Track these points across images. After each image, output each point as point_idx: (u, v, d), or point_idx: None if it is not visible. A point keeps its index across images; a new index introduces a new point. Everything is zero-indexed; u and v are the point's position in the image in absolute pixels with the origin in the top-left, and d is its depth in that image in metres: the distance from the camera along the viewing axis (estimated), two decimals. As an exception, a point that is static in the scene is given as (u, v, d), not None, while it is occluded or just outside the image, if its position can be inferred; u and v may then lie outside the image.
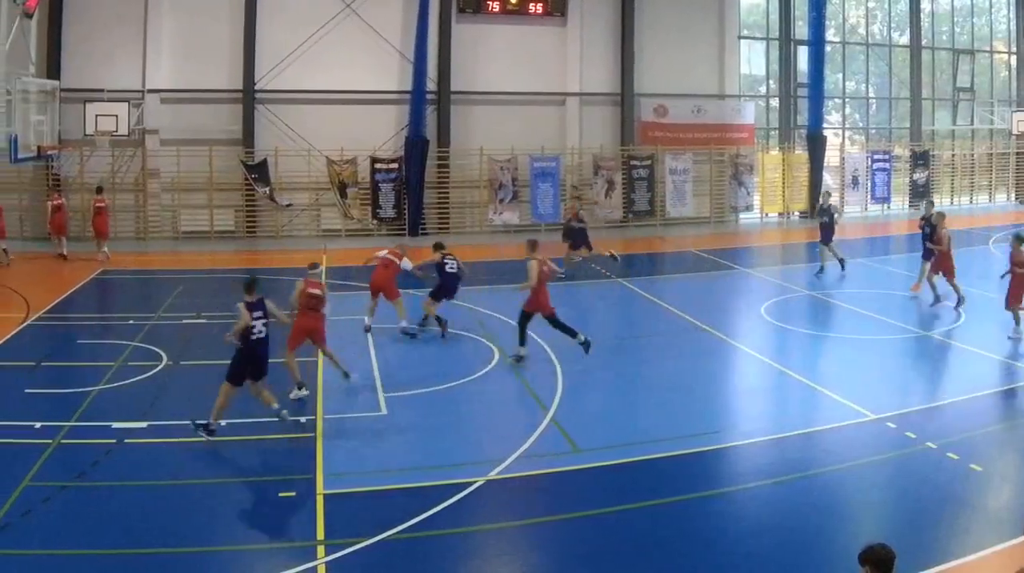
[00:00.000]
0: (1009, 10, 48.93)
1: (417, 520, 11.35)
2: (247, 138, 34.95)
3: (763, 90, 44.78)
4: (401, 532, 11.05)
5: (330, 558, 10.49)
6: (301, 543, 10.92)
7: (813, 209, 41.68)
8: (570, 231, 28.41)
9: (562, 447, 14.09)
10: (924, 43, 46.64)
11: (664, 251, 33.56)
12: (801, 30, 42.91)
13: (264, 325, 14.43)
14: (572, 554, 10.79)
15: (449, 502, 11.90)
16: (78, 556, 10.54)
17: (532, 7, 37.76)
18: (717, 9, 40.79)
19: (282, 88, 35.28)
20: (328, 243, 26.50)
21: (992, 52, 49.22)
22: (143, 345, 17.31)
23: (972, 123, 48.21)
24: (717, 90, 41.19)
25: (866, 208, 43.82)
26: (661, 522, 11.61)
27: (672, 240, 35.81)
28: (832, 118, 46.17)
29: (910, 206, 45.13)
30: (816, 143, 41.37)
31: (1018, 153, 48.03)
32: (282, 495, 12.11)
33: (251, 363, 14.42)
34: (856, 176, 43.62)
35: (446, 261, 20.54)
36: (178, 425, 14.70)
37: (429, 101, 36.39)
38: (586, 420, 15.27)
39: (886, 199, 44.49)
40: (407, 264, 21.06)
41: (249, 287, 14.55)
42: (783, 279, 26.31)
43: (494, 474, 12.87)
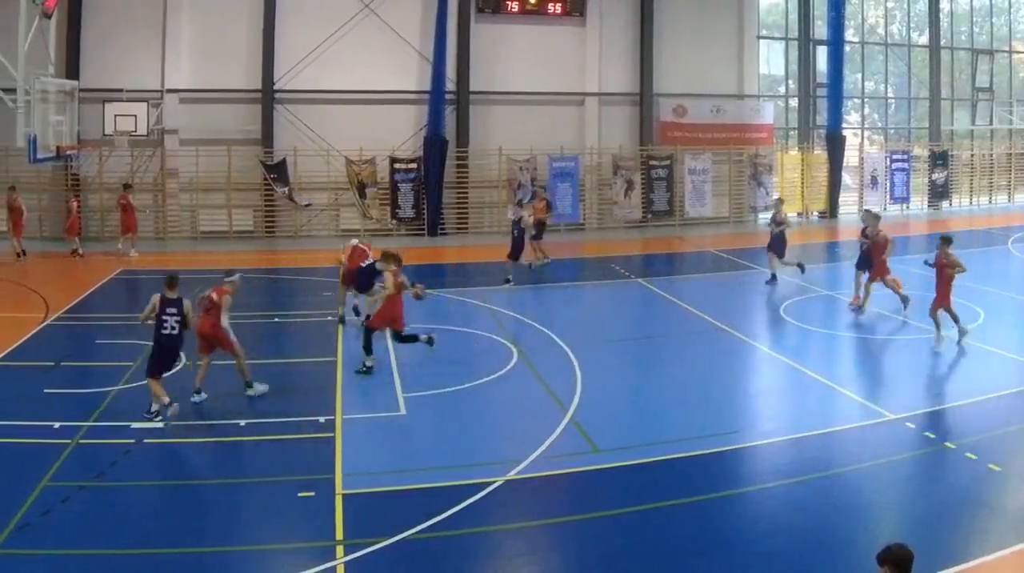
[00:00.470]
0: (1029, 10, 48.77)
1: (436, 520, 11.32)
2: (266, 138, 35.04)
3: (782, 90, 44.69)
4: (420, 532, 11.03)
5: (349, 558, 10.48)
6: (320, 543, 10.89)
7: (832, 210, 41.90)
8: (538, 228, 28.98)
9: (581, 447, 14.05)
10: (943, 43, 46.50)
11: (683, 251, 33.51)
12: (820, 30, 42.86)
13: (177, 322, 15.07)
14: (591, 554, 10.74)
15: (468, 502, 11.86)
16: (97, 556, 10.54)
17: (551, 7, 37.71)
18: (736, 9, 40.71)
19: (301, 88, 35.34)
20: (342, 242, 26.46)
21: (1011, 52, 49.02)
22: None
23: (991, 123, 47.96)
24: (736, 90, 41.10)
25: (885, 208, 43.47)
26: (680, 522, 11.56)
27: (691, 240, 35.74)
28: (851, 118, 46.01)
29: (929, 206, 45.05)
30: (835, 143, 41.33)
31: (1037, 153, 47.82)
32: (301, 495, 12.08)
33: (164, 356, 15.18)
34: (875, 176, 43.50)
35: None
36: (196, 425, 14.77)
37: (448, 101, 36.43)
38: (605, 420, 15.22)
39: (905, 199, 44.37)
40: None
41: (170, 284, 15.24)
42: (802, 279, 26.12)
43: (513, 474, 12.83)
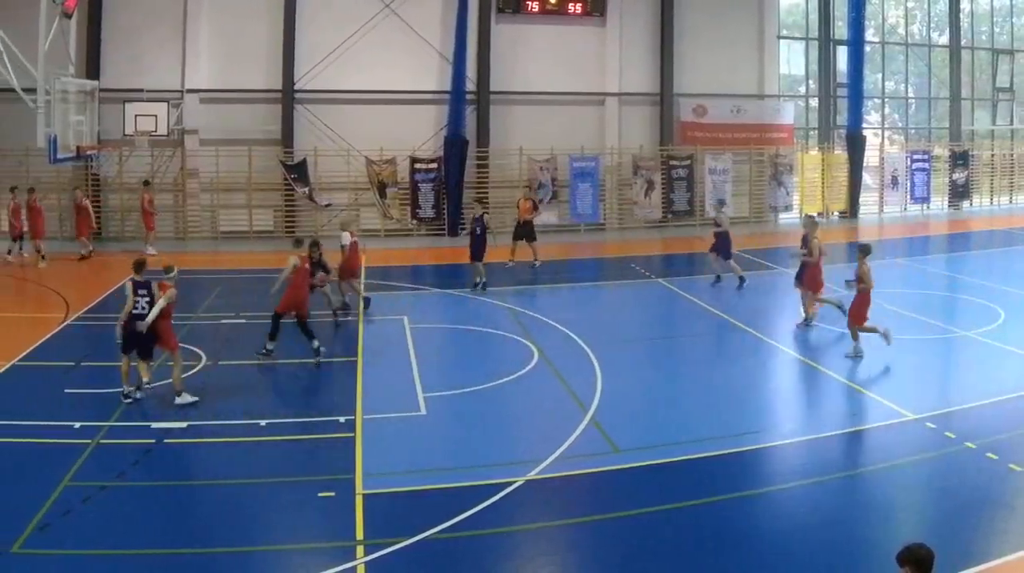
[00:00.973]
0: (1050, 10, 48.41)
1: (456, 520, 11.31)
2: (286, 138, 35.07)
3: (802, 90, 44.45)
4: (440, 532, 11.03)
5: (369, 558, 10.48)
6: (340, 543, 10.90)
7: (853, 210, 41.70)
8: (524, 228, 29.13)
9: (602, 447, 14.02)
10: (963, 43, 46.13)
11: (704, 251, 33.36)
12: (840, 30, 42.57)
13: (148, 303, 15.83)
14: (611, 554, 10.73)
15: (488, 502, 11.86)
16: (118, 556, 10.58)
17: (571, 7, 37.59)
18: (756, 9, 40.51)
19: (321, 88, 35.36)
20: (367, 242, 26.49)
21: (1032, 52, 48.71)
22: (182, 345, 17.30)
23: (1012, 123, 47.73)
24: (756, 90, 40.90)
25: (905, 208, 43.50)
26: (701, 522, 11.54)
27: (711, 240, 35.50)
28: (871, 118, 45.79)
29: (949, 206, 44.80)
30: (855, 143, 41.08)
31: (1058, 153, 47.51)
32: (321, 495, 12.10)
33: (134, 336, 15.73)
34: (895, 176, 43.25)
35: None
36: (218, 425, 14.80)
37: (468, 101, 36.38)
38: (626, 420, 15.19)
39: (926, 199, 44.08)
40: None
41: (138, 267, 16.16)
42: (823, 279, 25.99)
43: (533, 474, 12.82)
